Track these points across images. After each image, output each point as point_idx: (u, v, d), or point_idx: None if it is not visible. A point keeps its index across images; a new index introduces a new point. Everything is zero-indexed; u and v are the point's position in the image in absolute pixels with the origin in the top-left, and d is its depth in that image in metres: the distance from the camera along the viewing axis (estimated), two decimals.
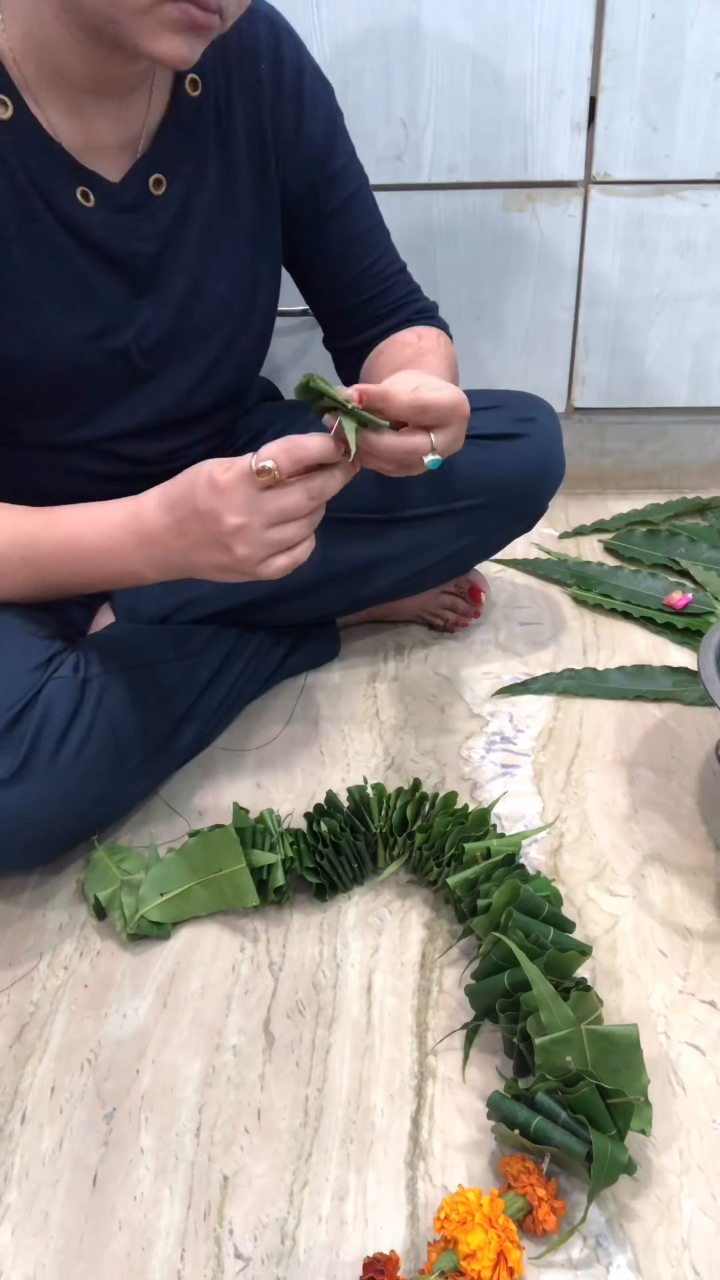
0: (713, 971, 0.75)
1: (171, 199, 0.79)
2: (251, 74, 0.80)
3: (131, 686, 0.84)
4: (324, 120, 0.86)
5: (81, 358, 0.79)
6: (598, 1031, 0.63)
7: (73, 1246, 0.61)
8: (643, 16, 1.10)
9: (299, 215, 0.88)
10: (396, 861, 0.82)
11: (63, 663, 0.80)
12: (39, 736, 0.76)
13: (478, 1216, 0.56)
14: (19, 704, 0.75)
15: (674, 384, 1.34)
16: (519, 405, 0.99)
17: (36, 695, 0.77)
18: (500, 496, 0.97)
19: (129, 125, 0.75)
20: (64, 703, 0.78)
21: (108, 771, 0.81)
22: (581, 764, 0.95)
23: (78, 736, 0.78)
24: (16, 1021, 0.74)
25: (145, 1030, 0.73)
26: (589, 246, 1.24)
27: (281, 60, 0.82)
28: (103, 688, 0.81)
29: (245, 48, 0.80)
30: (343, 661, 1.10)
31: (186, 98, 0.78)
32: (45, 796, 0.76)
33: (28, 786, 0.75)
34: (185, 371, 0.86)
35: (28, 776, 0.75)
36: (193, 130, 0.79)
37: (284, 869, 0.79)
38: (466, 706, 1.03)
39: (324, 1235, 0.61)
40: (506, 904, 0.72)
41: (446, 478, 0.95)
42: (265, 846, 0.81)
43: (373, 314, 0.94)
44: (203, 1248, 0.60)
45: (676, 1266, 0.58)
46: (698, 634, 1.11)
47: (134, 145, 0.76)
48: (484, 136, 1.17)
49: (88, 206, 0.75)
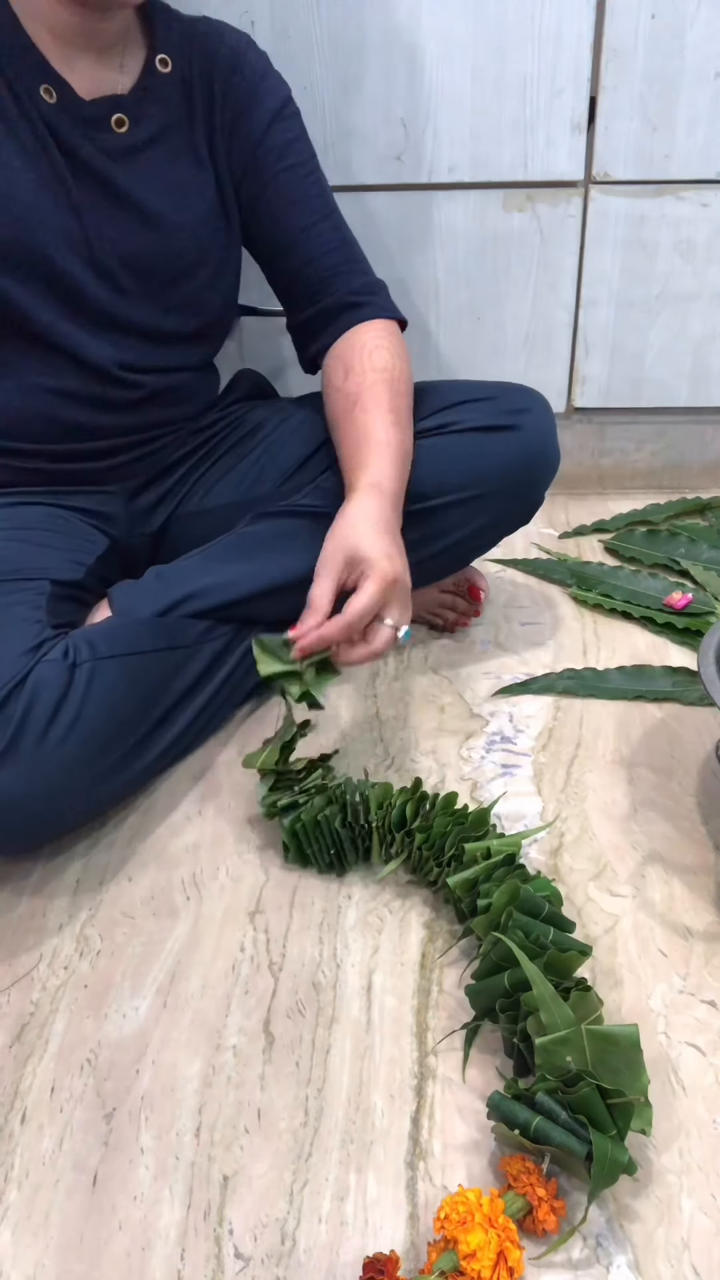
0: (713, 971, 0.75)
1: (132, 137, 0.89)
2: (211, 59, 0.92)
3: (122, 673, 0.84)
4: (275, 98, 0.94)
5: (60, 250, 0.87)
6: (598, 1032, 0.63)
7: (73, 1246, 0.61)
8: (643, 16, 1.10)
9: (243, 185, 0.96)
10: (396, 860, 0.82)
11: (53, 648, 0.81)
12: (26, 719, 0.76)
13: (478, 1216, 0.56)
14: (7, 686, 0.76)
15: (674, 384, 1.34)
16: (512, 397, 0.99)
17: (25, 678, 0.78)
18: (496, 488, 0.97)
19: (104, 79, 0.86)
20: (52, 686, 0.78)
21: (96, 757, 0.81)
22: (581, 764, 0.95)
23: (65, 720, 0.78)
24: (16, 1021, 0.74)
25: (145, 1030, 0.73)
26: (589, 246, 1.24)
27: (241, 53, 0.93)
28: (92, 673, 0.81)
29: (211, 41, 0.92)
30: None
31: (157, 73, 0.89)
32: (33, 780, 0.77)
33: (14, 769, 0.76)
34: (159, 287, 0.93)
35: (14, 759, 0.76)
36: (159, 97, 0.89)
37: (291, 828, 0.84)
38: (466, 706, 1.03)
39: (324, 1235, 0.61)
40: (507, 904, 0.72)
41: (442, 471, 0.96)
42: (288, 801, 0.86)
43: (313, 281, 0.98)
44: (203, 1248, 0.60)
45: (676, 1266, 0.58)
46: (698, 634, 1.11)
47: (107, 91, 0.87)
48: (484, 136, 1.17)
49: (50, 102, 0.84)
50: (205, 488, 1.04)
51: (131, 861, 0.86)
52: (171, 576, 0.94)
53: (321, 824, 0.82)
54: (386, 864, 0.83)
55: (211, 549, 0.97)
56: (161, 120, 0.90)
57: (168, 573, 0.95)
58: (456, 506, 0.97)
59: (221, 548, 0.97)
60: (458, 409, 0.98)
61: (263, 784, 0.87)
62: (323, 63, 1.13)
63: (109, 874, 0.86)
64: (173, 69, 0.90)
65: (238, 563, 0.95)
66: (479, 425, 0.96)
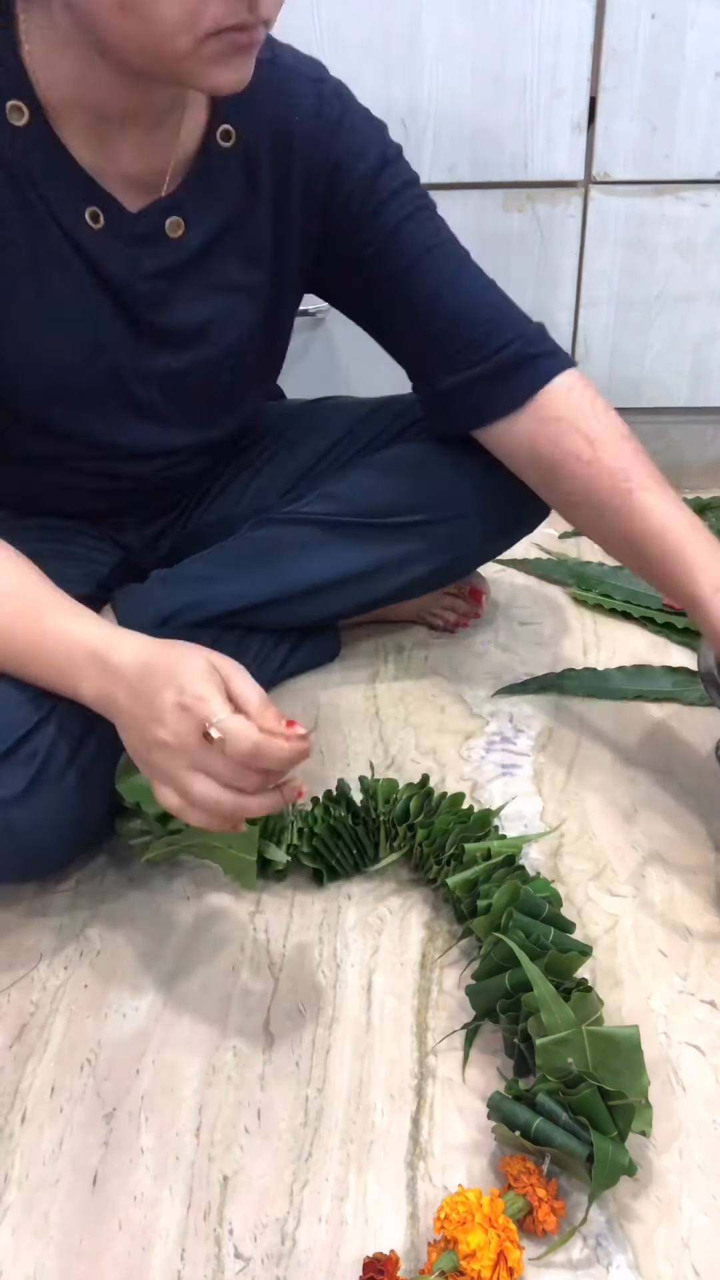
0: (713, 971, 0.75)
1: (186, 246, 0.77)
2: (285, 127, 0.77)
3: None
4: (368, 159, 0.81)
5: (78, 376, 0.78)
6: (599, 1033, 0.63)
7: (73, 1246, 0.61)
8: (643, 16, 1.10)
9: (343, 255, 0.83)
10: (396, 853, 0.82)
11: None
12: (50, 754, 0.73)
13: (478, 1216, 0.56)
14: (30, 721, 0.73)
15: (674, 384, 1.34)
16: None
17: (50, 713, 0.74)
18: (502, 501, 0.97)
19: (154, 159, 0.73)
20: (75, 720, 0.74)
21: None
22: (581, 764, 0.95)
23: (88, 753, 0.75)
24: (16, 1021, 0.74)
25: (145, 1030, 0.73)
26: (589, 246, 1.24)
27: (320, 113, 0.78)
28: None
29: (284, 103, 0.77)
30: (343, 661, 1.10)
31: (218, 148, 0.75)
32: (56, 812, 0.75)
33: (38, 803, 0.73)
34: (183, 407, 0.85)
35: (38, 793, 0.73)
36: (220, 182, 0.77)
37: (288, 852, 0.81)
38: (466, 706, 1.03)
39: (324, 1235, 0.61)
40: (507, 905, 0.72)
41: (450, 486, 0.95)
42: (277, 830, 0.82)
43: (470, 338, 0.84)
44: (203, 1248, 0.60)
45: (676, 1266, 0.58)
46: (698, 634, 1.11)
47: (157, 182, 0.74)
48: (484, 136, 1.17)
49: (95, 228, 0.73)
50: (212, 498, 1.04)
51: (132, 861, 0.86)
52: (174, 582, 0.94)
53: (337, 828, 0.82)
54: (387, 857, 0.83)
55: (215, 553, 0.96)
56: (220, 215, 0.78)
57: (171, 578, 0.94)
58: (462, 520, 0.97)
59: (225, 553, 0.96)
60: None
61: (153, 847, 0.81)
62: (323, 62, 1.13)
63: (109, 874, 0.86)
64: (236, 142, 0.76)
65: (242, 570, 0.95)
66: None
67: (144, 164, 0.73)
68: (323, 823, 0.82)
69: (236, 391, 0.88)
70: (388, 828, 0.82)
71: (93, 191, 0.72)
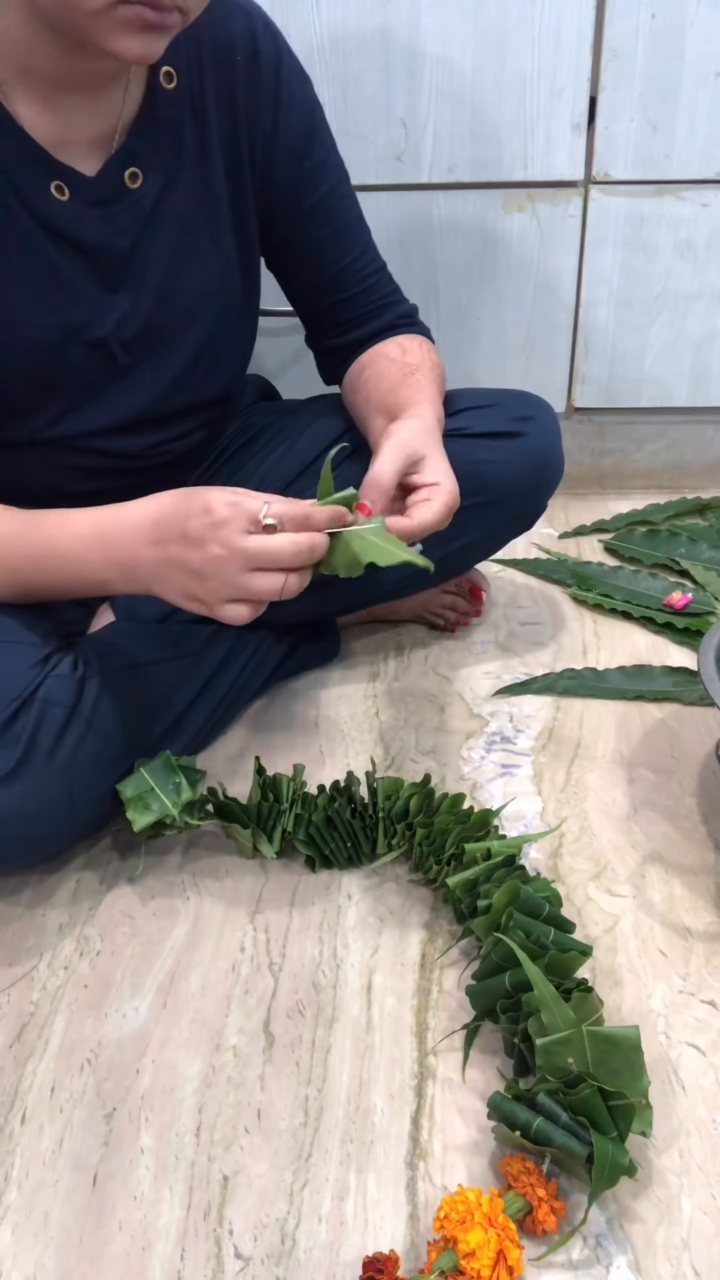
0: (713, 971, 0.75)
1: (147, 193, 0.80)
2: (226, 67, 0.81)
3: (130, 685, 0.84)
4: (302, 114, 0.85)
5: (58, 352, 0.80)
6: (599, 1033, 0.63)
7: (73, 1246, 0.61)
8: (643, 16, 1.10)
9: (277, 210, 0.89)
10: (394, 851, 0.82)
11: (61, 660, 0.80)
12: (37, 734, 0.75)
13: (477, 1216, 0.56)
14: (16, 701, 0.75)
15: (674, 384, 1.34)
16: (518, 404, 0.99)
17: (34, 692, 0.77)
18: (500, 495, 0.97)
19: (104, 119, 0.76)
20: (62, 700, 0.77)
21: (106, 769, 0.81)
22: (581, 764, 0.95)
23: (75, 734, 0.77)
24: (16, 1021, 0.74)
25: (145, 1030, 0.73)
26: (589, 246, 1.24)
27: (258, 53, 0.82)
28: (101, 686, 0.81)
29: (220, 41, 0.80)
30: (343, 661, 1.10)
31: (161, 90, 0.78)
32: (43, 793, 0.76)
33: (25, 784, 0.75)
34: (166, 365, 0.87)
35: (25, 774, 0.75)
36: (168, 123, 0.79)
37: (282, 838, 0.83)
38: (466, 706, 1.03)
39: (324, 1235, 0.61)
40: (507, 905, 0.72)
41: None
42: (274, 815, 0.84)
43: (354, 314, 0.94)
44: (203, 1248, 0.60)
45: (676, 1266, 0.58)
46: (698, 634, 1.11)
47: (109, 139, 0.77)
48: (484, 136, 1.17)
49: (63, 200, 0.75)
50: None
51: (131, 861, 0.86)
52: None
53: (334, 819, 0.83)
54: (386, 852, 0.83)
55: None
56: (172, 155, 0.80)
57: None
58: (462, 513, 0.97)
59: None
60: (463, 415, 0.97)
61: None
62: (323, 62, 1.13)
63: (109, 874, 0.86)
64: (178, 83, 0.78)
65: None
66: (484, 431, 0.96)
67: (96, 127, 0.76)
68: (321, 811, 0.83)
69: (214, 347, 0.89)
70: (387, 825, 0.83)
71: (53, 166, 0.74)
